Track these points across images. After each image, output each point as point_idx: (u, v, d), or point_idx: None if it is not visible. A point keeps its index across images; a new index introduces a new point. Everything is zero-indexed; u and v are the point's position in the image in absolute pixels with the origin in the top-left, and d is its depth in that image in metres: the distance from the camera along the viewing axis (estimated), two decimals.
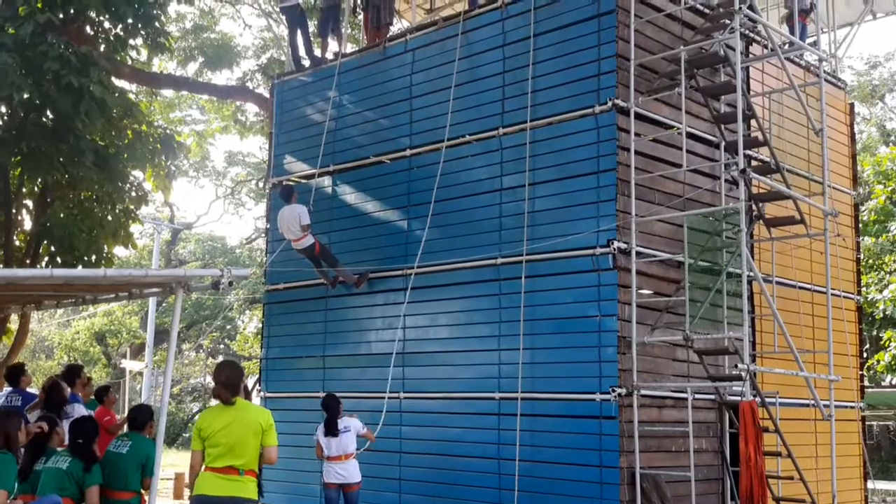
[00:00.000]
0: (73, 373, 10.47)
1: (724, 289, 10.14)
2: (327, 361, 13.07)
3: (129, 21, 14.85)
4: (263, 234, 32.76)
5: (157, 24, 15.28)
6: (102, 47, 14.91)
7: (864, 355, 15.45)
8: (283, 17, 14.96)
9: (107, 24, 15.22)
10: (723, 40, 10.79)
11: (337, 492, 10.03)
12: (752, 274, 10.31)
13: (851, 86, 29.58)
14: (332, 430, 10.12)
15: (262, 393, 13.73)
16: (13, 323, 15.68)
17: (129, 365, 35.70)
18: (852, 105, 14.87)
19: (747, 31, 11.80)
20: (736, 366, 9.98)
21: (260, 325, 36.26)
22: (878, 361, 23.17)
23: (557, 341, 10.47)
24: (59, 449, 7.78)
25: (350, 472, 10.05)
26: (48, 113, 13.79)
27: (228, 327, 44.15)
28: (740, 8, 10.41)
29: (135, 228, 16.89)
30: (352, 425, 10.25)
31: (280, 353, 13.95)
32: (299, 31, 14.64)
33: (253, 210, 40.02)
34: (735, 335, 10.01)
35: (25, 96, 12.81)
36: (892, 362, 22.28)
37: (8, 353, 15.62)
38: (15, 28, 13.03)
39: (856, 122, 15.63)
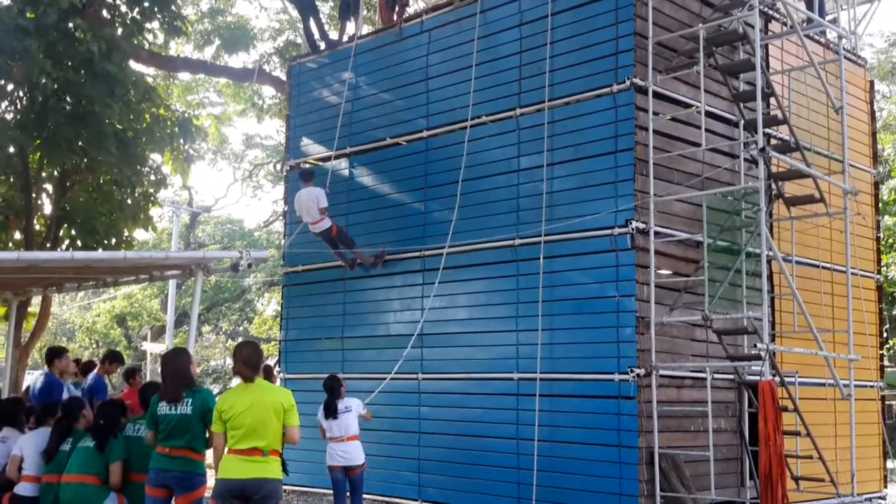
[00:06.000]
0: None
1: (744, 268, 10.10)
2: (346, 343, 13.13)
3: (146, 4, 14.87)
4: (281, 217, 32.86)
5: (173, 7, 15.29)
6: (119, 31, 14.93)
7: (884, 335, 15.36)
8: (295, 6, 14.90)
9: (123, 8, 15.24)
10: (742, 17, 10.69)
11: (342, 473, 9.96)
12: (771, 253, 10.26)
13: (871, 63, 29.25)
14: (331, 412, 10.08)
15: (281, 374, 13.82)
16: (34, 306, 15.81)
17: (149, 347, 35.95)
18: (872, 83, 14.71)
19: (766, 9, 11.69)
20: (755, 345, 9.95)
21: (278, 308, 36.35)
22: None
23: (576, 322, 10.47)
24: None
25: (352, 453, 9.93)
26: (67, 97, 13.83)
27: (247, 310, 44.32)
28: None
29: (154, 212, 16.96)
30: (352, 406, 10.19)
31: (299, 335, 14.02)
32: (311, 18, 14.61)
33: (271, 193, 40.02)
34: (754, 315, 9.97)
35: (43, 80, 12.83)
36: None
37: (30, 336, 15.76)
38: (37, 13, 13.05)
39: (876, 100, 15.47)
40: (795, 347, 11.01)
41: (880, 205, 15.73)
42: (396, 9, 13.66)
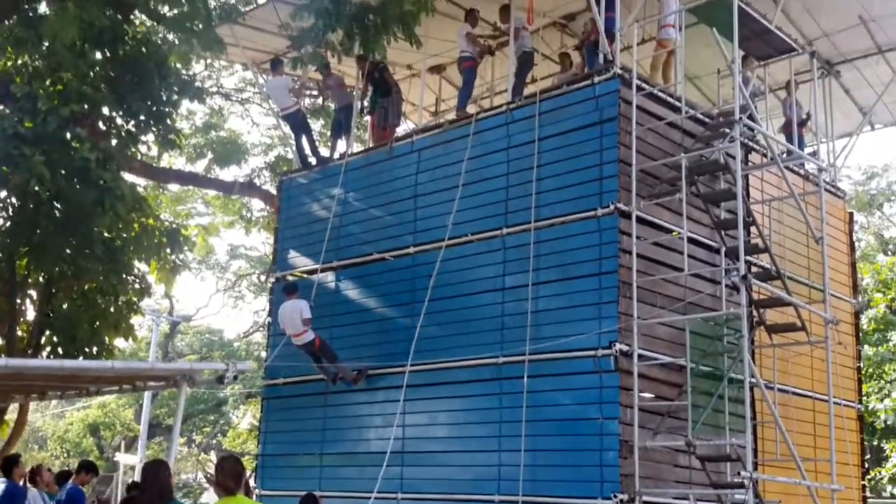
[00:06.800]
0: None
1: (726, 394, 10.10)
2: (325, 459, 12.90)
3: (142, 118, 15.19)
4: (262, 328, 32.58)
5: (168, 121, 15.62)
6: (114, 142, 15.20)
7: (866, 465, 15.26)
8: (287, 124, 15.23)
9: (119, 121, 15.55)
10: (723, 149, 11.02)
11: None
12: (754, 380, 10.29)
13: (849, 195, 30.01)
14: None
15: (257, 490, 13.50)
16: (12, 412, 15.56)
17: (123, 458, 35.11)
18: (851, 214, 15.07)
19: (747, 140, 12.06)
20: (738, 473, 9.86)
21: (253, 421, 35.63)
22: (881, 473, 22.86)
23: (559, 443, 10.37)
24: None
25: None
26: (58, 205, 13.97)
27: (221, 422, 43.59)
28: (740, 118, 10.68)
29: (135, 320, 16.90)
30: None
31: (277, 450, 13.78)
32: (304, 136, 14.93)
33: (252, 304, 39.90)
34: (737, 442, 9.92)
35: (37, 188, 12.99)
36: None
37: (5, 444, 15.45)
38: (36, 122, 13.33)
39: (854, 231, 15.83)
40: (778, 476, 10.90)
41: (861, 334, 15.86)
42: (387, 129, 14.01)
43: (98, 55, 14.68)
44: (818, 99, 13.56)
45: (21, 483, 10.58)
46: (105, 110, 15.27)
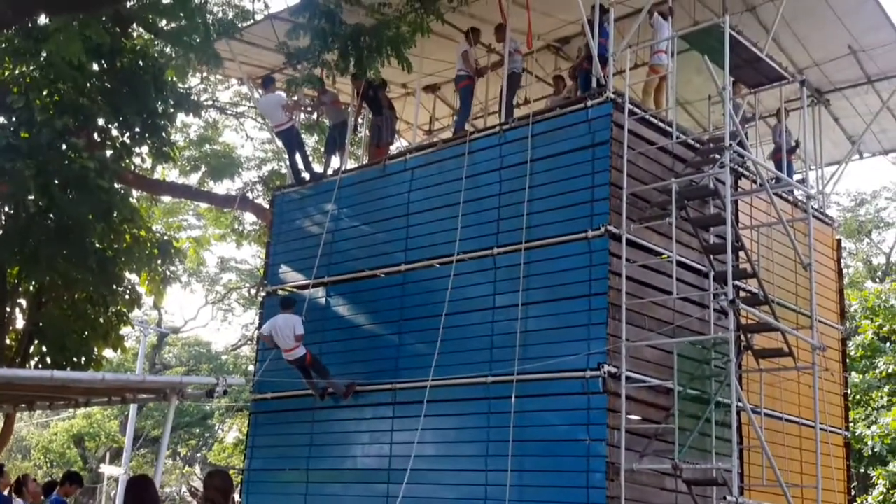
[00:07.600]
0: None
1: (713, 418, 10.15)
2: (311, 475, 12.88)
3: (137, 130, 15.24)
4: (251, 342, 32.52)
5: (163, 133, 15.66)
6: (108, 153, 15.24)
7: (852, 492, 15.30)
8: (280, 140, 15.25)
9: (114, 132, 15.59)
10: (713, 174, 11.12)
11: None
12: (740, 404, 10.34)
13: (838, 221, 30.20)
14: None
15: None
16: None
17: (107, 470, 34.90)
18: (839, 241, 15.19)
19: (737, 166, 12.17)
20: (724, 498, 9.90)
21: (239, 435, 35.46)
22: (867, 500, 22.91)
23: (546, 464, 10.39)
24: None
25: None
26: (51, 215, 13.98)
27: (207, 435, 43.40)
28: (730, 144, 10.79)
29: (124, 331, 16.88)
30: None
31: (263, 465, 13.75)
32: (297, 151, 14.97)
33: (241, 317, 39.86)
34: (724, 466, 9.97)
35: (31, 198, 13.01)
36: (883, 501, 22.02)
37: None
38: (31, 132, 13.34)
39: (842, 257, 15.94)
40: (764, 501, 10.94)
41: (848, 361, 15.94)
42: (381, 146, 14.07)
43: (95, 67, 14.74)
44: (808, 127, 13.70)
45: (6, 493, 10.57)
46: (100, 121, 15.32)
